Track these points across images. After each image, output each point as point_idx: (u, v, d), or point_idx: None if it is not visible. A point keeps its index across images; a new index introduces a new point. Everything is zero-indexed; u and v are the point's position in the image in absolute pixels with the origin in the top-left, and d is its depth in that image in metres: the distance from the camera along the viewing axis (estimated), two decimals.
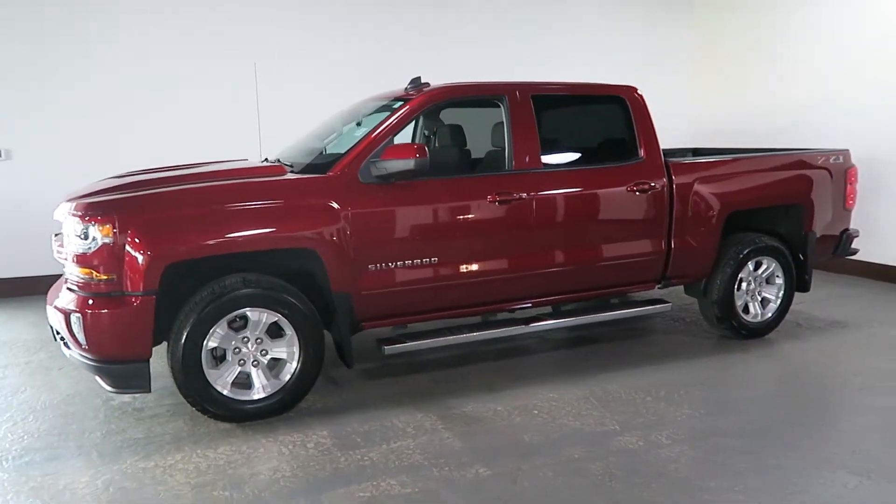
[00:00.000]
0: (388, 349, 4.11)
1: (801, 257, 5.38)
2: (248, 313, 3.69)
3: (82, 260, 3.48)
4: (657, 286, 4.98)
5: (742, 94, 8.58)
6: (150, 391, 3.64)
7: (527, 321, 4.57)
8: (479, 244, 4.22)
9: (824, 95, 7.44)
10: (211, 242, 3.55)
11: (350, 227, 3.84)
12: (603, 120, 4.89)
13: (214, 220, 3.59)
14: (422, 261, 4.05)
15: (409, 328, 4.37)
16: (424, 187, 4.10)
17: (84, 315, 3.45)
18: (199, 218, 3.57)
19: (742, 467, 3.29)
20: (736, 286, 5.09)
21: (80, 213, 3.49)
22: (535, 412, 3.92)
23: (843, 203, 5.49)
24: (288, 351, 3.81)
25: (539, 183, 4.35)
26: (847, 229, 5.60)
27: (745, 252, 5.04)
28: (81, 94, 6.65)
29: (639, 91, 4.83)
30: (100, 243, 3.43)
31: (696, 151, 6.82)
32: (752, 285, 5.22)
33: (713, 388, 4.30)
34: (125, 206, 3.52)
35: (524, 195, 4.27)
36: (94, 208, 3.49)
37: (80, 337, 3.48)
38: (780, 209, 5.35)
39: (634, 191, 4.62)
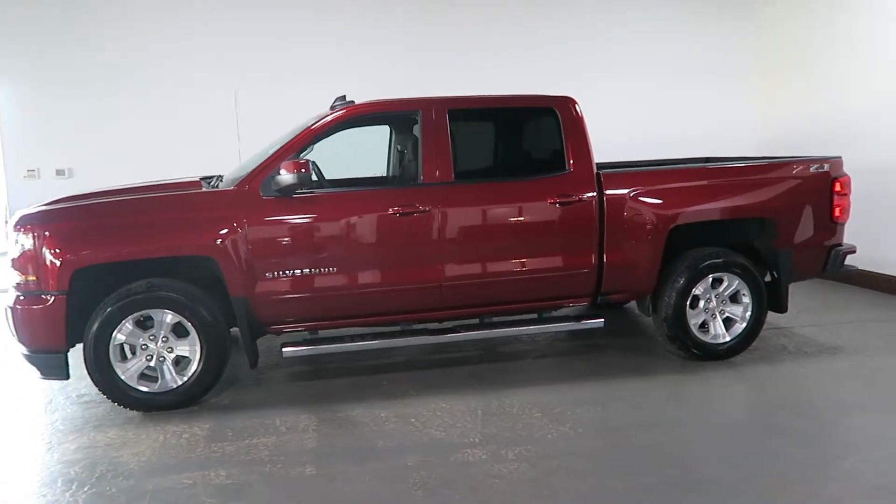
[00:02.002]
0: (286, 352, 4.38)
1: (777, 275, 4.97)
2: (152, 314, 4.12)
3: (15, 263, 4.08)
4: (594, 301, 4.82)
5: (811, 100, 7.92)
6: (68, 379, 4.16)
7: (436, 332, 4.63)
8: (380, 256, 4.37)
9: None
10: (112, 250, 4.02)
11: (247, 237, 4.16)
12: (529, 132, 4.84)
13: (116, 230, 4.07)
14: (319, 270, 4.28)
15: (322, 333, 4.60)
16: (325, 200, 4.34)
17: (14, 311, 4.05)
18: (104, 228, 4.07)
19: (565, 488, 3.20)
20: (690, 304, 4.81)
21: (13, 224, 4.10)
22: (413, 420, 4.00)
23: (829, 216, 4.98)
24: (191, 349, 4.20)
25: (447, 196, 4.42)
26: (838, 245, 5.07)
27: (697, 268, 4.74)
28: (129, 120, 7.57)
29: (575, 102, 4.73)
30: (25, 249, 4.02)
31: (709, 160, 6.48)
32: (713, 303, 4.89)
33: (615, 408, 4.13)
34: (43, 217, 4.08)
35: (429, 208, 4.37)
36: (22, 219, 4.08)
37: (13, 329, 4.08)
38: (751, 223, 4.97)
39: (556, 203, 4.54)
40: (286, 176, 4.11)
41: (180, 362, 4.24)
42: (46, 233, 4.00)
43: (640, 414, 4.06)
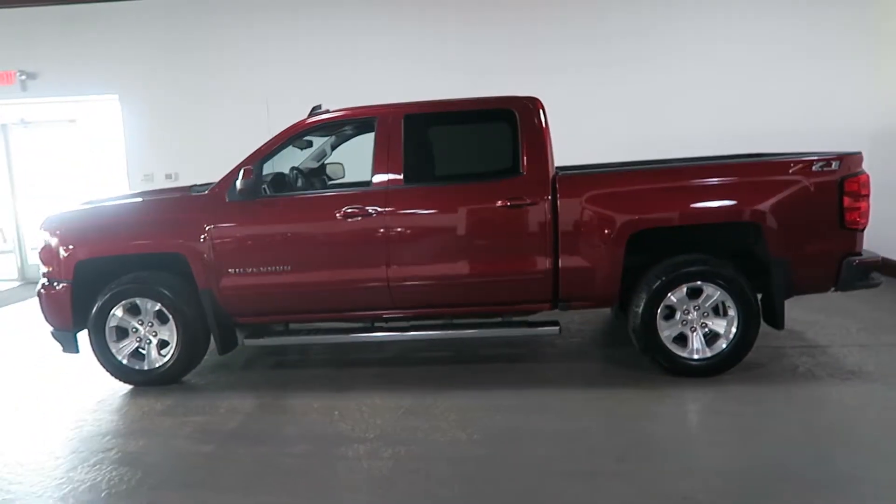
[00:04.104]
0: (247, 341, 4.81)
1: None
2: (138, 302, 4.76)
3: (41, 256, 4.94)
4: (555, 307, 4.66)
5: None
6: (78, 352, 4.94)
7: (392, 330, 4.79)
8: (330, 256, 4.62)
9: None
10: (101, 246, 4.73)
11: (213, 237, 4.65)
12: (487, 135, 4.79)
13: (107, 230, 4.77)
14: (275, 268, 4.64)
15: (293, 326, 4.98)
16: (281, 203, 4.70)
17: (40, 295, 4.92)
18: (99, 228, 4.79)
19: (403, 490, 3.26)
20: (662, 315, 4.48)
21: (41, 223, 4.97)
22: (336, 413, 4.23)
23: (838, 221, 4.34)
24: (170, 334, 4.79)
25: (395, 199, 4.55)
26: (853, 254, 4.39)
27: (669, 276, 4.41)
28: (220, 131, 8.59)
29: (536, 103, 4.61)
30: (46, 244, 4.86)
31: (760, 156, 5.87)
32: (691, 315, 4.50)
33: (536, 417, 4.01)
34: (57, 218, 4.89)
35: (375, 211, 4.54)
36: (45, 220, 4.93)
37: (41, 310, 4.96)
38: (743, 228, 4.49)
39: (506, 206, 4.48)
40: (239, 182, 4.53)
41: (165, 345, 4.85)
42: (59, 231, 4.80)
43: (553, 426, 3.90)
